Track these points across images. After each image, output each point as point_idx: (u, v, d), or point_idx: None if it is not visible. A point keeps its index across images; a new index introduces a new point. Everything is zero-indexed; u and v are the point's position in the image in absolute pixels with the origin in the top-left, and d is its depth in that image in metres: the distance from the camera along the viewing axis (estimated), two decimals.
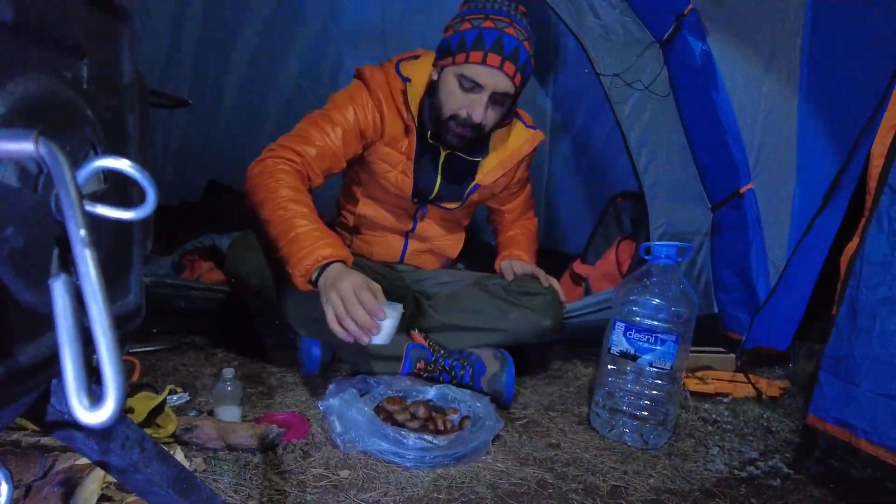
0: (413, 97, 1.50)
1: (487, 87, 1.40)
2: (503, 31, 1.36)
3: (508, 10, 1.40)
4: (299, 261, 1.23)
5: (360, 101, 1.50)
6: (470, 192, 1.64)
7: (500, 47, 1.36)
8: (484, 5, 1.42)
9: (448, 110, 1.45)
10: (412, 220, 1.67)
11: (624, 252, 2.02)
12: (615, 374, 1.33)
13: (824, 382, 1.16)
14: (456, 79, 1.41)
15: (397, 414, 1.23)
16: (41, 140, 0.33)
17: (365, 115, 1.49)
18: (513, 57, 1.37)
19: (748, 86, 1.70)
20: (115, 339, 0.32)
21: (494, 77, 1.39)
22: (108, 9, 0.49)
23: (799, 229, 1.69)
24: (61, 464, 0.90)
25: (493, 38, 1.36)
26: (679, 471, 1.19)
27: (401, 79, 1.50)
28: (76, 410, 0.31)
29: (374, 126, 1.51)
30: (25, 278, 0.39)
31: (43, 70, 0.40)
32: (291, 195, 1.32)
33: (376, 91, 1.50)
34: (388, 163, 1.56)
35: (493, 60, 1.37)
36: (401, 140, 1.54)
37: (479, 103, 1.41)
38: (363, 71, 1.54)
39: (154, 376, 1.41)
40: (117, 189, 0.51)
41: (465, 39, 1.39)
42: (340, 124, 1.47)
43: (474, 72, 1.39)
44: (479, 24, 1.38)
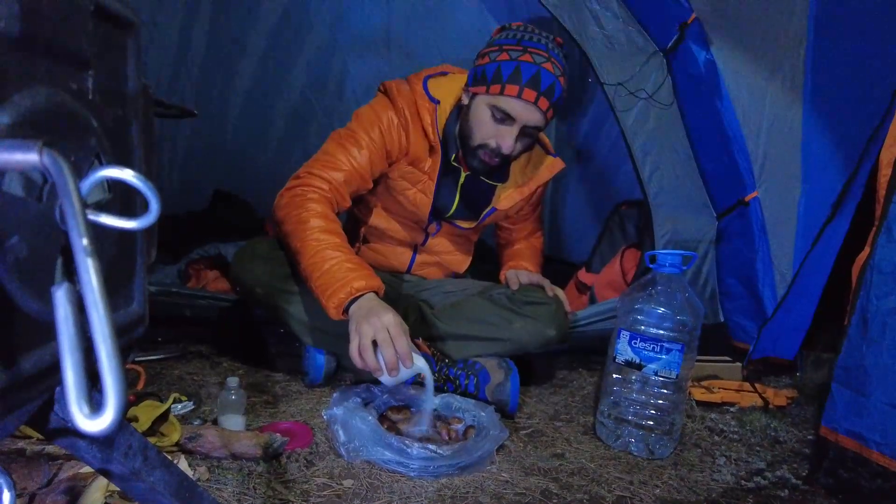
0: (440, 119, 1.49)
1: (520, 120, 1.38)
2: (541, 67, 1.35)
3: (547, 44, 1.38)
4: (333, 293, 1.24)
5: (385, 119, 1.47)
6: (486, 214, 1.63)
7: (538, 83, 1.34)
8: (522, 36, 1.39)
9: (478, 139, 1.44)
10: (424, 235, 1.67)
11: (629, 260, 2.01)
12: (620, 383, 1.32)
13: (836, 393, 1.15)
14: (489, 109, 1.40)
15: (401, 423, 1.23)
16: (45, 150, 0.33)
17: (391, 134, 1.48)
18: (548, 93, 1.36)
19: (752, 94, 1.70)
20: (116, 347, 0.33)
21: (528, 111, 1.37)
22: (114, 21, 0.49)
23: (804, 237, 1.68)
24: (65, 472, 0.90)
25: (530, 74, 1.34)
26: (685, 481, 1.18)
27: (429, 99, 1.48)
28: (76, 418, 0.31)
29: (400, 145, 1.49)
30: (30, 287, 0.40)
31: (49, 82, 0.41)
32: (322, 225, 1.32)
33: (403, 109, 1.48)
34: (408, 181, 1.55)
35: (529, 95, 1.35)
36: (424, 160, 1.52)
37: (510, 135, 1.39)
38: (390, 87, 1.51)
39: (159, 385, 1.41)
40: (122, 199, 0.52)
41: (501, 71, 1.37)
42: (366, 146, 1.45)
43: (508, 105, 1.37)
44: (517, 57, 1.36)
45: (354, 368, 1.48)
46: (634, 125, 1.72)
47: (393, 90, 1.50)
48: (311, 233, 1.31)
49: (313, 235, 1.31)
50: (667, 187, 1.75)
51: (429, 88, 1.50)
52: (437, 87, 1.51)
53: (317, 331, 1.46)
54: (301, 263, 1.31)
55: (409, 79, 1.55)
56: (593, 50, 1.69)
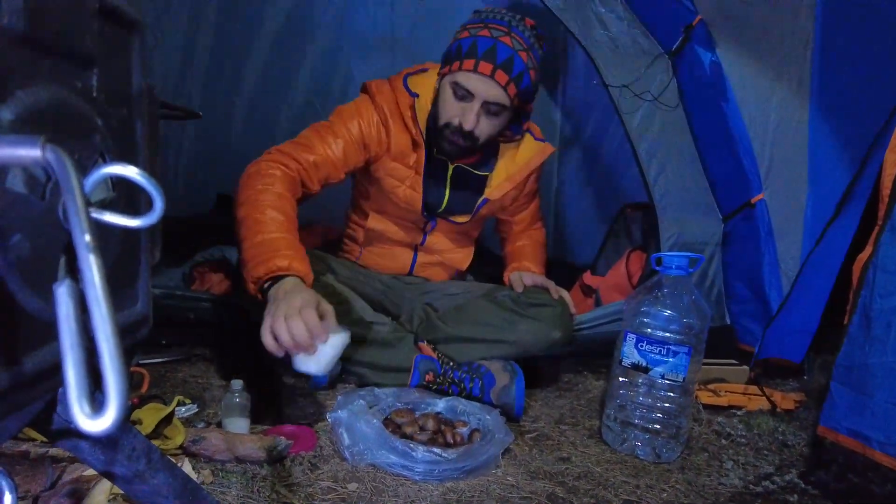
0: (421, 112, 1.50)
1: (478, 95, 1.40)
2: (497, 40, 1.37)
3: (510, 21, 1.41)
4: (255, 266, 1.18)
5: (365, 114, 1.50)
6: (479, 206, 1.63)
7: (493, 56, 1.36)
8: (486, 16, 1.43)
9: (443, 118, 1.46)
10: (422, 234, 1.67)
11: (635, 263, 2.00)
12: (627, 386, 1.31)
13: (835, 392, 1.14)
14: (450, 87, 1.43)
15: (406, 426, 1.22)
16: (48, 146, 0.33)
17: (370, 128, 1.50)
18: (506, 66, 1.37)
19: (758, 96, 1.69)
20: (118, 346, 0.32)
21: (486, 85, 1.38)
22: (119, 20, 0.49)
23: (811, 240, 1.66)
24: (69, 475, 0.90)
25: (486, 47, 1.37)
26: (693, 485, 1.17)
27: (409, 94, 1.50)
28: (77, 417, 0.31)
29: (379, 140, 1.51)
30: (32, 285, 0.39)
31: (53, 79, 0.41)
32: (273, 201, 1.27)
33: (382, 105, 1.50)
34: (396, 178, 1.56)
35: (485, 68, 1.37)
36: (408, 155, 1.54)
37: (471, 111, 1.41)
38: (369, 85, 1.55)
39: (163, 388, 1.41)
40: (126, 198, 0.51)
41: (461, 47, 1.41)
42: (343, 136, 1.47)
43: (466, 80, 1.39)
44: (475, 33, 1.40)
45: (359, 371, 1.48)
46: (640, 127, 1.71)
47: (373, 88, 1.53)
48: (260, 205, 1.25)
49: (260, 208, 1.25)
50: (672, 189, 1.74)
51: (408, 84, 1.52)
52: (416, 82, 1.53)
53: None
54: (239, 232, 1.25)
55: (391, 78, 1.57)
56: (598, 52, 1.68)
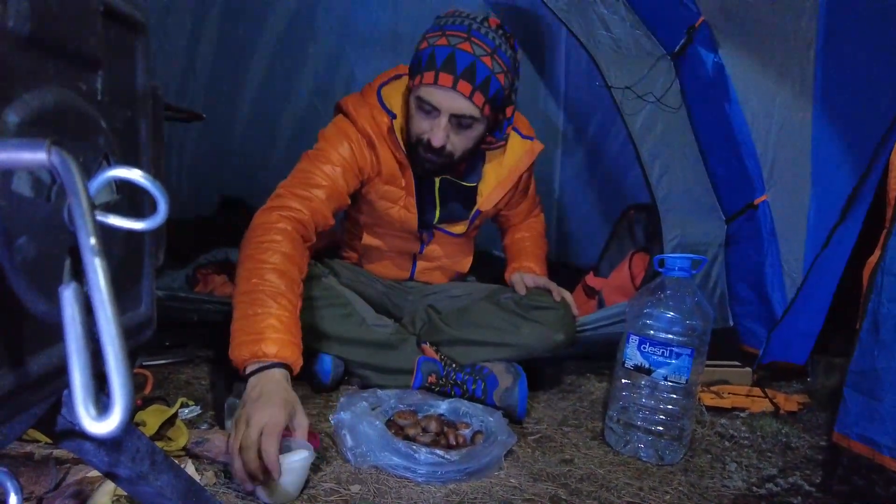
0: (401, 131, 1.43)
1: (443, 109, 1.31)
2: (456, 48, 1.27)
3: (469, 25, 1.31)
4: (241, 344, 1.09)
5: (353, 137, 1.43)
6: (473, 217, 1.61)
7: (453, 66, 1.27)
8: (445, 22, 1.34)
9: (413, 135, 1.39)
10: (419, 244, 1.67)
11: (638, 265, 2.00)
12: (629, 388, 1.31)
13: (848, 398, 1.13)
14: (416, 101, 1.35)
15: (409, 428, 1.22)
16: (53, 149, 0.33)
17: (361, 151, 1.44)
18: (467, 75, 1.27)
19: (761, 97, 1.68)
20: (123, 348, 0.32)
21: (449, 97, 1.29)
22: (124, 22, 0.49)
23: (815, 241, 1.66)
24: (73, 476, 0.90)
25: (444, 56, 1.27)
26: (696, 487, 1.16)
27: (386, 113, 1.43)
28: (83, 420, 0.31)
29: (371, 163, 1.46)
30: (38, 288, 0.40)
31: (58, 81, 0.41)
32: (277, 264, 1.18)
33: (365, 129, 1.43)
34: (388, 200, 1.53)
35: (445, 80, 1.27)
36: (398, 176, 1.49)
37: (439, 128, 1.32)
38: (347, 109, 1.46)
39: (166, 389, 1.41)
40: (130, 201, 0.51)
41: (420, 60, 1.32)
42: (339, 163, 1.40)
43: (428, 94, 1.31)
44: (433, 42, 1.30)
45: (362, 373, 1.48)
46: (642, 129, 1.71)
47: (351, 112, 1.44)
48: (262, 269, 1.17)
49: (262, 272, 1.16)
50: (675, 191, 1.74)
51: (384, 99, 1.45)
52: (390, 95, 1.45)
53: (324, 336, 1.46)
54: (236, 293, 1.17)
55: (364, 90, 1.50)
56: (601, 54, 1.68)
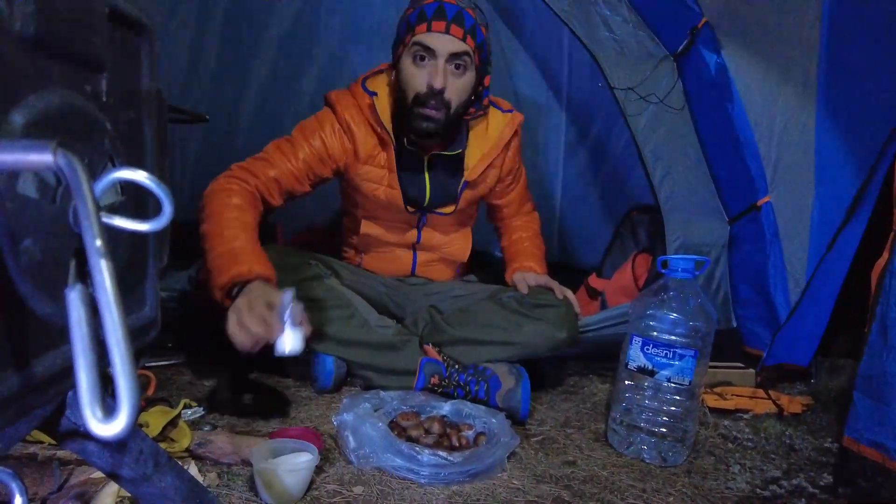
0: (382, 109, 1.52)
1: (440, 50, 1.41)
2: (442, 1, 1.41)
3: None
4: (219, 276, 1.24)
5: (326, 126, 1.53)
6: (461, 190, 1.63)
7: (443, 14, 1.40)
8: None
9: (411, 92, 1.45)
10: (415, 232, 1.67)
11: (641, 266, 2.00)
12: (632, 389, 1.31)
13: (858, 402, 1.13)
14: (410, 56, 1.44)
15: (411, 429, 1.22)
16: (60, 151, 0.33)
17: (332, 140, 1.52)
18: (457, 20, 1.40)
19: (764, 98, 1.68)
20: (129, 350, 0.32)
21: (444, 40, 1.41)
22: (129, 24, 0.49)
23: (818, 242, 1.66)
24: (76, 477, 0.90)
25: (433, 9, 1.41)
26: (699, 489, 1.16)
27: (367, 94, 1.53)
28: (89, 422, 0.31)
29: (343, 149, 1.54)
30: (43, 289, 0.40)
31: (63, 83, 0.41)
32: (232, 214, 1.35)
33: (343, 114, 1.52)
34: (372, 181, 1.57)
35: (438, 27, 1.40)
36: (377, 155, 1.56)
37: (438, 70, 1.41)
38: (329, 96, 1.58)
39: (169, 390, 1.41)
40: (134, 202, 0.51)
41: (409, 20, 1.44)
42: (303, 149, 1.51)
43: (425, 39, 1.41)
44: (419, 3, 1.43)
45: (365, 374, 1.48)
46: (645, 130, 1.71)
47: (333, 98, 1.56)
48: (222, 219, 1.34)
49: (223, 221, 1.33)
50: (678, 192, 1.73)
51: (366, 85, 1.56)
52: (373, 82, 1.57)
53: (326, 337, 1.46)
54: (204, 246, 1.32)
55: (350, 85, 1.60)
56: (603, 54, 1.68)
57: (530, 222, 1.84)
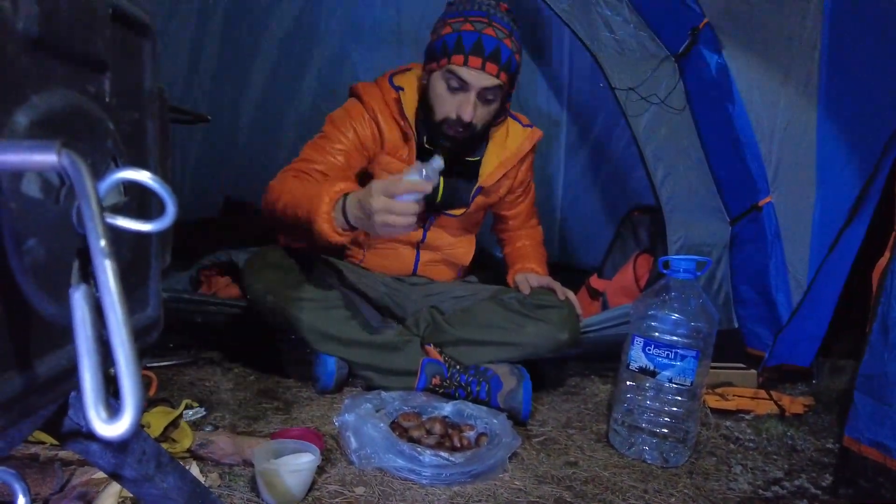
0: (408, 105, 1.54)
1: (473, 86, 1.43)
2: (481, 33, 1.41)
3: (488, 10, 1.45)
4: (316, 207, 1.27)
5: (356, 116, 1.55)
6: (474, 194, 1.64)
7: (481, 49, 1.41)
8: (464, 7, 1.46)
9: (439, 113, 1.49)
10: (422, 230, 1.67)
11: (642, 266, 2.00)
12: (634, 390, 1.31)
13: (858, 402, 1.13)
14: (443, 81, 1.46)
15: (413, 430, 1.22)
16: (64, 151, 0.33)
17: (363, 128, 1.55)
18: (493, 57, 1.42)
19: (765, 99, 1.68)
20: (133, 351, 0.32)
21: (479, 77, 1.43)
22: (131, 25, 0.49)
23: (820, 242, 1.66)
24: (78, 478, 0.90)
25: (472, 41, 1.41)
26: (701, 490, 1.16)
27: (394, 89, 1.55)
28: (93, 422, 0.31)
29: (374, 137, 1.57)
30: (47, 289, 0.40)
31: (67, 84, 0.41)
32: (301, 181, 1.44)
33: (370, 104, 1.55)
34: (390, 172, 1.57)
35: (475, 63, 1.41)
36: (401, 148, 1.58)
37: (468, 102, 1.44)
38: (356, 87, 1.60)
39: (170, 391, 1.41)
40: (137, 202, 0.51)
41: (447, 44, 1.44)
42: (341, 143, 1.53)
43: (459, 72, 1.43)
44: (458, 28, 1.43)
45: (366, 374, 1.48)
46: (646, 130, 1.71)
47: (360, 89, 1.59)
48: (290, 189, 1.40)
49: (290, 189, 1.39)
50: (679, 192, 1.73)
51: (393, 81, 1.58)
52: (400, 78, 1.59)
53: (328, 338, 1.46)
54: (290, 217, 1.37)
55: (377, 79, 1.62)
56: (604, 55, 1.68)
57: (533, 233, 1.86)
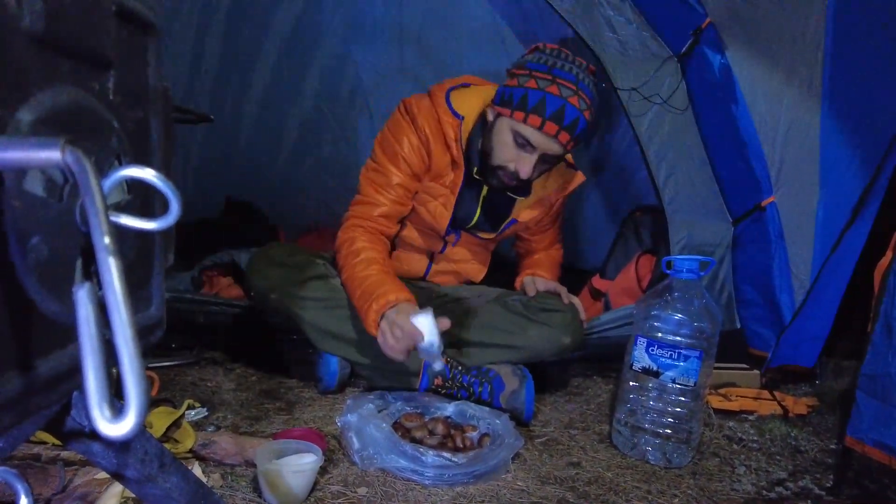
0: (464, 134, 1.49)
1: (539, 148, 1.40)
2: (567, 101, 1.34)
3: (577, 74, 1.37)
4: (367, 311, 1.33)
5: (405, 144, 1.48)
6: (506, 226, 1.63)
7: (561, 118, 1.35)
8: (553, 63, 1.37)
9: (498, 160, 1.44)
10: (442, 243, 1.66)
11: (644, 267, 1.99)
12: (637, 390, 1.30)
13: (861, 402, 1.12)
14: (511, 132, 1.40)
15: (415, 431, 1.21)
16: (68, 148, 0.33)
17: (412, 158, 1.49)
18: (570, 128, 1.37)
19: (768, 99, 1.67)
20: (137, 349, 0.32)
21: (549, 143, 1.39)
22: (136, 22, 0.49)
23: (823, 243, 1.65)
24: (80, 478, 0.90)
25: (555, 107, 1.34)
26: (705, 491, 1.15)
27: (453, 115, 1.47)
28: (97, 422, 0.30)
29: (423, 163, 1.51)
30: (50, 288, 0.39)
31: (71, 81, 0.41)
32: (361, 256, 1.42)
33: (423, 127, 1.48)
34: (429, 194, 1.55)
35: (551, 129, 1.36)
36: (446, 174, 1.52)
37: (529, 163, 1.41)
38: (410, 106, 1.50)
39: (172, 391, 1.41)
40: (140, 201, 0.51)
41: (527, 98, 1.36)
42: (395, 175, 1.49)
43: (530, 133, 1.38)
44: (544, 87, 1.35)
45: (368, 375, 1.48)
46: (649, 131, 1.70)
47: (413, 108, 1.49)
48: (353, 265, 1.41)
49: (353, 266, 1.41)
50: (682, 193, 1.73)
51: (452, 102, 1.49)
52: (460, 100, 1.50)
53: (331, 337, 1.46)
54: (348, 294, 1.43)
55: (432, 91, 1.54)
56: (607, 55, 1.68)
57: (553, 253, 1.82)
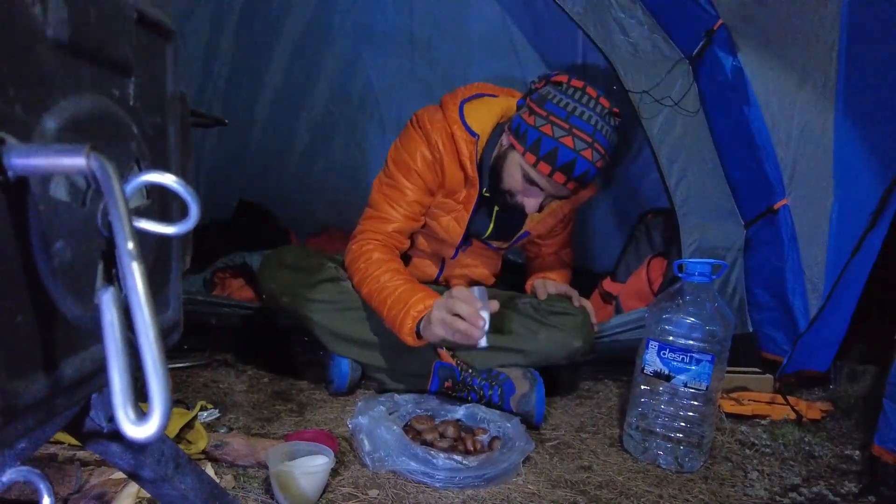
0: (479, 152, 1.49)
1: (547, 191, 1.42)
2: (580, 155, 1.34)
3: (595, 123, 1.34)
4: (401, 325, 1.32)
5: (419, 160, 1.47)
6: (519, 237, 1.64)
7: (570, 170, 1.35)
8: (573, 109, 1.35)
9: (507, 185, 1.45)
10: (454, 250, 1.67)
11: (655, 270, 1.98)
12: (648, 394, 1.30)
13: (889, 411, 1.11)
14: (520, 168, 1.41)
15: (426, 433, 1.21)
16: (92, 154, 0.33)
17: (426, 173, 1.48)
18: (580, 178, 1.37)
19: (781, 100, 1.66)
20: (162, 352, 0.32)
21: (556, 188, 1.41)
22: (155, 29, 0.50)
23: (837, 246, 1.63)
24: (96, 478, 0.91)
25: (566, 160, 1.34)
26: (717, 496, 1.15)
27: (468, 132, 1.45)
28: (123, 424, 0.31)
29: (436, 179, 1.50)
30: (73, 291, 0.40)
31: (93, 88, 0.41)
32: (380, 266, 1.41)
33: (437, 144, 1.46)
34: (442, 209, 1.55)
35: (559, 178, 1.37)
36: (459, 191, 1.52)
37: (535, 201, 1.43)
38: (423, 121, 1.48)
39: (185, 393, 1.42)
40: (158, 205, 0.52)
41: (540, 145, 1.35)
42: (408, 191, 1.48)
43: (539, 178, 1.39)
44: (558, 137, 1.34)
45: (379, 377, 1.48)
46: (660, 133, 1.70)
47: (426, 123, 1.47)
48: (373, 277, 1.40)
49: (374, 278, 1.39)
50: (694, 195, 1.72)
51: (465, 117, 1.47)
52: (474, 115, 1.48)
53: (342, 339, 1.46)
54: (372, 306, 1.40)
55: (444, 102, 1.52)
56: (618, 58, 1.67)
57: (563, 255, 1.83)
